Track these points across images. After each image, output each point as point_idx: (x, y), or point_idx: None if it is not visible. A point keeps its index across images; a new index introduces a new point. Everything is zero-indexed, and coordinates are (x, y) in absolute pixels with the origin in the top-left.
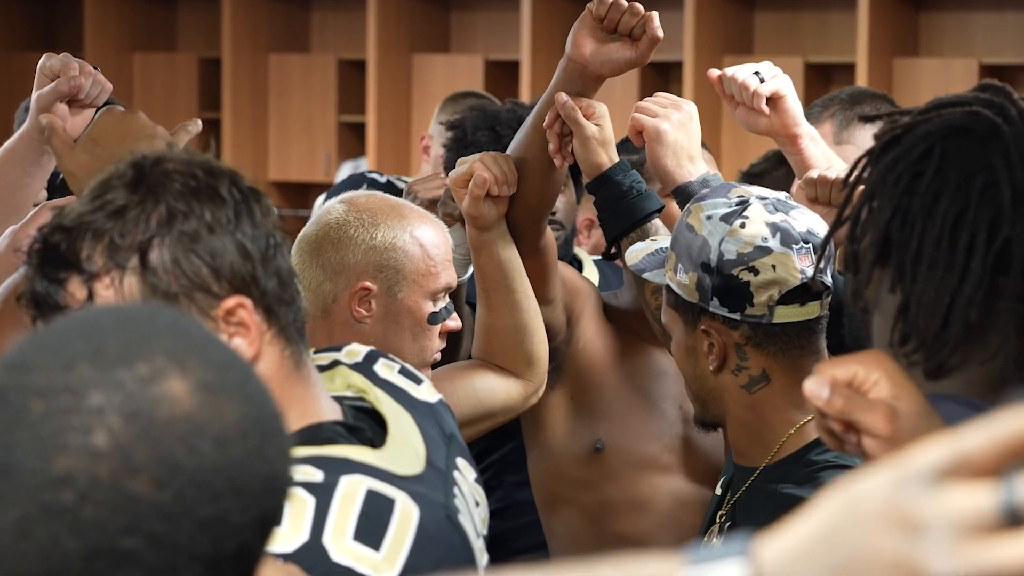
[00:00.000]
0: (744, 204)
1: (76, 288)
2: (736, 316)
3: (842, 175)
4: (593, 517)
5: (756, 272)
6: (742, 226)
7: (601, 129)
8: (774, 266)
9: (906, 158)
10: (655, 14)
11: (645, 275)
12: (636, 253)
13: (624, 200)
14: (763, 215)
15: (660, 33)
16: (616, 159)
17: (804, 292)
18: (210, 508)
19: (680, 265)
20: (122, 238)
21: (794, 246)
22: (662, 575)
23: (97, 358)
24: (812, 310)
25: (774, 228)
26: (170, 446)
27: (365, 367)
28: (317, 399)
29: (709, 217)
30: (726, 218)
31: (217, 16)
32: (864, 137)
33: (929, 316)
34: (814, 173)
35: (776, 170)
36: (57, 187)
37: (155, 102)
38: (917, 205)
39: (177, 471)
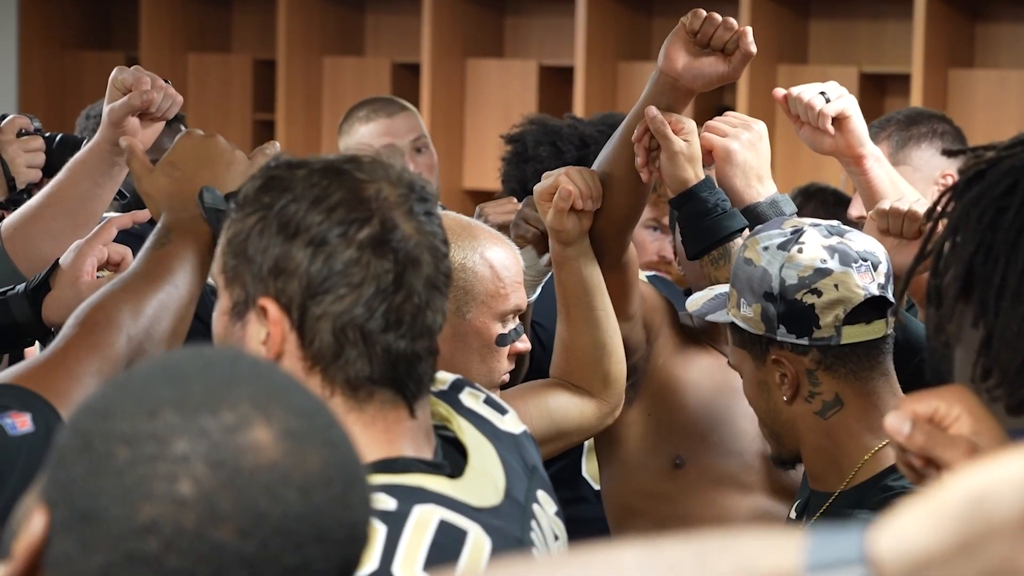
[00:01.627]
0: (799, 232)
1: None
2: (804, 341)
3: (915, 207)
4: (669, 532)
5: (819, 294)
6: (800, 251)
7: (689, 145)
8: (836, 285)
9: (990, 193)
10: (749, 29)
11: (708, 317)
12: (696, 301)
13: (708, 217)
14: (819, 239)
15: (753, 49)
16: (702, 176)
17: (869, 311)
18: (294, 556)
19: (743, 300)
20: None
21: (853, 264)
22: (779, 574)
23: (182, 405)
24: (878, 328)
25: (831, 250)
26: (255, 495)
27: (450, 395)
28: (392, 440)
29: (766, 248)
30: (783, 246)
31: (272, 18)
32: (920, 158)
33: (1012, 351)
34: (886, 204)
35: (804, 207)
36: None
37: (209, 103)
38: (1001, 240)
39: (262, 520)
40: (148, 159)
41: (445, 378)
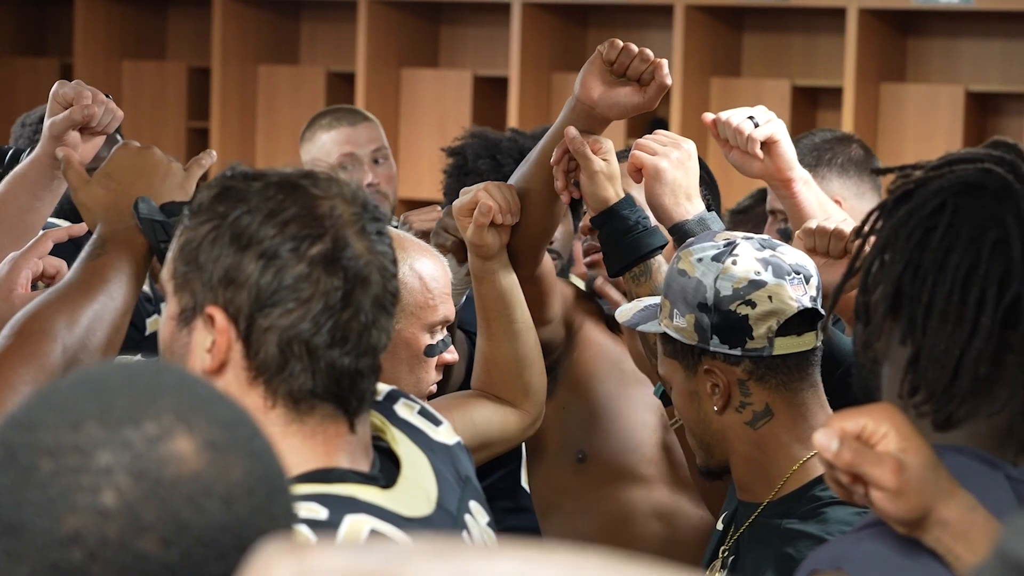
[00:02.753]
0: (731, 244)
1: None
2: (737, 352)
3: (841, 226)
4: (575, 524)
5: (753, 305)
6: (734, 263)
7: (608, 164)
8: (770, 297)
9: (919, 213)
10: (664, 61)
11: (640, 327)
12: (626, 312)
13: (629, 235)
14: (752, 252)
15: (668, 81)
16: (622, 194)
17: (800, 323)
18: (217, 566)
19: (676, 310)
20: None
21: (787, 277)
22: None
23: (105, 417)
24: (809, 340)
25: (764, 263)
26: (178, 505)
27: (385, 406)
28: (330, 452)
29: (700, 260)
30: (717, 258)
31: (207, 25)
32: (824, 184)
33: (939, 368)
34: (813, 223)
35: (760, 207)
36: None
37: (144, 110)
38: (929, 259)
39: (185, 530)
40: (84, 170)
41: (380, 389)
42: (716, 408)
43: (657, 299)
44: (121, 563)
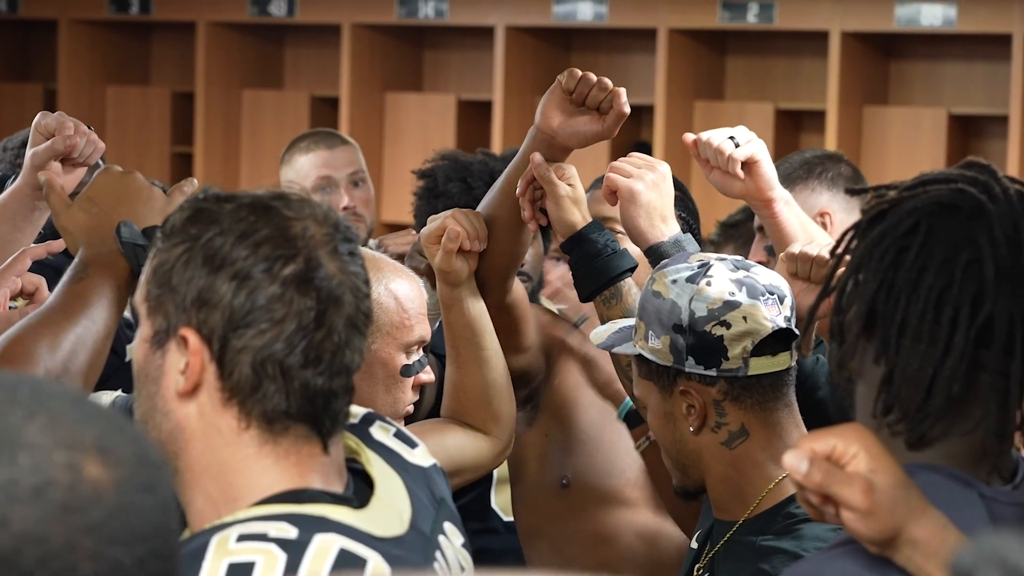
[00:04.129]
0: (706, 266)
1: None
2: (712, 372)
3: (823, 252)
4: (560, 550)
5: (728, 326)
6: (708, 284)
7: (574, 189)
8: (745, 317)
9: (892, 233)
10: (623, 90)
11: (615, 350)
12: (600, 334)
13: (599, 259)
14: (726, 273)
15: (627, 109)
16: (589, 218)
17: (775, 343)
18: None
19: (651, 332)
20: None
21: (761, 297)
22: None
23: None
24: (783, 360)
25: (739, 283)
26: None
27: (361, 429)
28: (303, 473)
29: (674, 281)
30: (691, 279)
31: (191, 50)
32: (797, 197)
33: (912, 387)
34: (796, 248)
35: (751, 221)
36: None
37: (128, 135)
38: (902, 279)
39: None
40: (66, 195)
41: (356, 412)
42: (692, 429)
43: (631, 321)
44: None
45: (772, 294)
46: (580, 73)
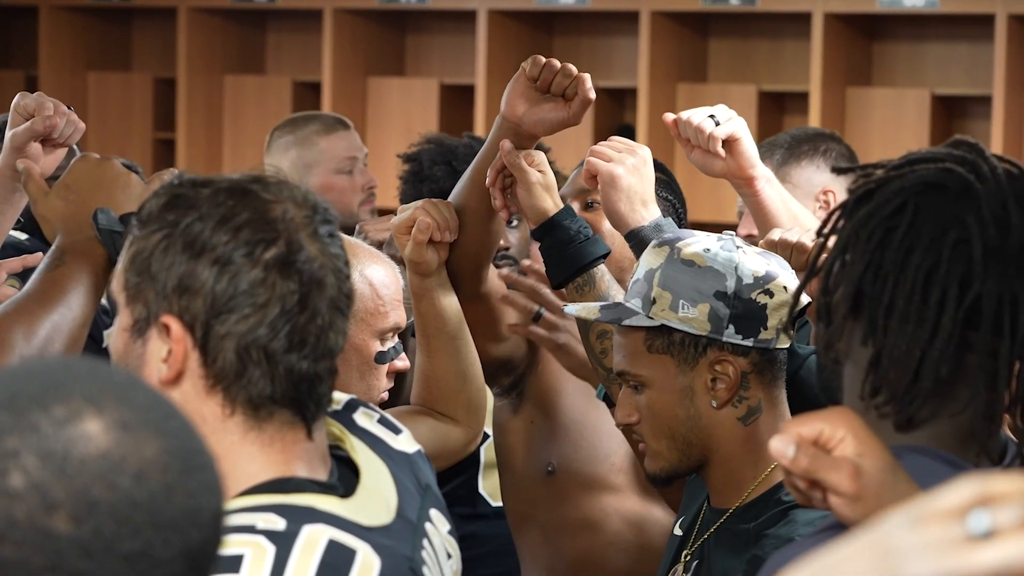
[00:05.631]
0: (727, 238)
1: None
2: (749, 343)
3: (803, 239)
4: (549, 537)
5: (771, 295)
6: (744, 254)
7: (544, 175)
8: (785, 288)
9: (879, 213)
10: (587, 76)
11: (627, 322)
12: (591, 310)
13: (571, 245)
14: (747, 246)
15: (592, 95)
16: (561, 204)
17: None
18: (131, 543)
19: (682, 302)
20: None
21: (789, 270)
22: None
23: (12, 404)
24: (789, 337)
25: (765, 255)
26: (87, 482)
27: (344, 415)
28: (288, 461)
29: (708, 250)
30: (726, 248)
31: (172, 36)
32: (799, 175)
33: (900, 369)
34: (776, 235)
35: None
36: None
37: (110, 121)
38: (890, 260)
39: (95, 507)
40: (44, 183)
41: (340, 398)
42: (715, 403)
43: (615, 296)
44: (32, 542)
45: (788, 269)
46: (544, 60)
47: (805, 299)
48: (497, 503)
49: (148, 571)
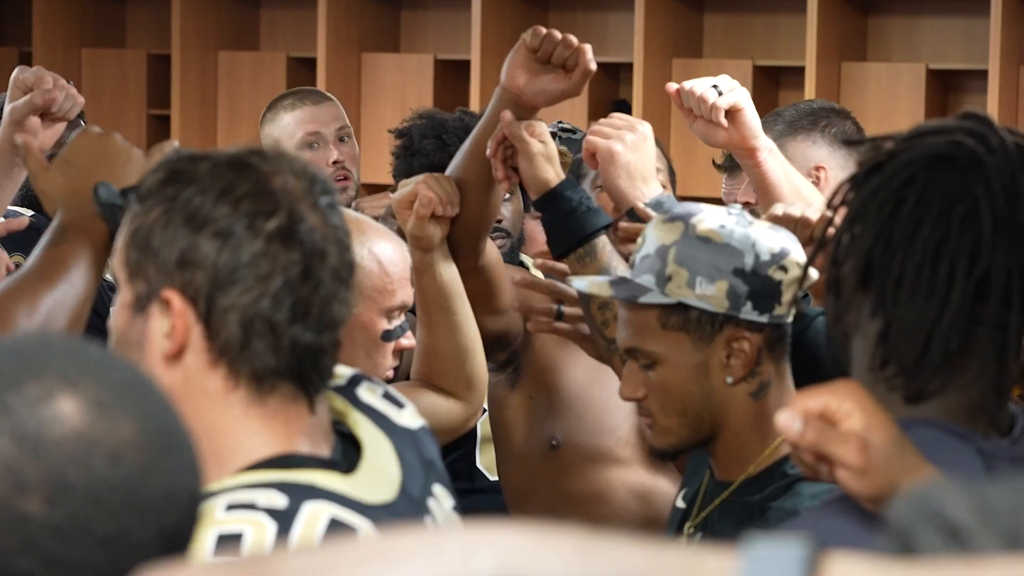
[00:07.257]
0: (740, 213)
1: None
2: (764, 319)
3: (807, 214)
4: (553, 511)
5: (786, 270)
6: (758, 229)
7: (546, 145)
8: (798, 263)
9: (889, 185)
10: (588, 47)
11: (642, 299)
12: (601, 287)
13: (573, 216)
14: (757, 220)
15: (593, 66)
16: (563, 175)
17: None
18: (107, 525)
19: (699, 278)
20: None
21: (798, 244)
22: None
23: None
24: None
25: (774, 229)
26: (60, 464)
27: (348, 390)
28: (290, 436)
29: (723, 226)
30: (741, 224)
31: (167, 13)
32: (795, 149)
33: (909, 341)
34: (779, 210)
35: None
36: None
37: (104, 98)
38: (899, 232)
39: (69, 489)
40: (44, 158)
41: (343, 373)
42: (730, 379)
43: (620, 271)
44: (4, 524)
45: (797, 243)
46: (544, 31)
47: (814, 274)
48: (495, 477)
49: (124, 553)
